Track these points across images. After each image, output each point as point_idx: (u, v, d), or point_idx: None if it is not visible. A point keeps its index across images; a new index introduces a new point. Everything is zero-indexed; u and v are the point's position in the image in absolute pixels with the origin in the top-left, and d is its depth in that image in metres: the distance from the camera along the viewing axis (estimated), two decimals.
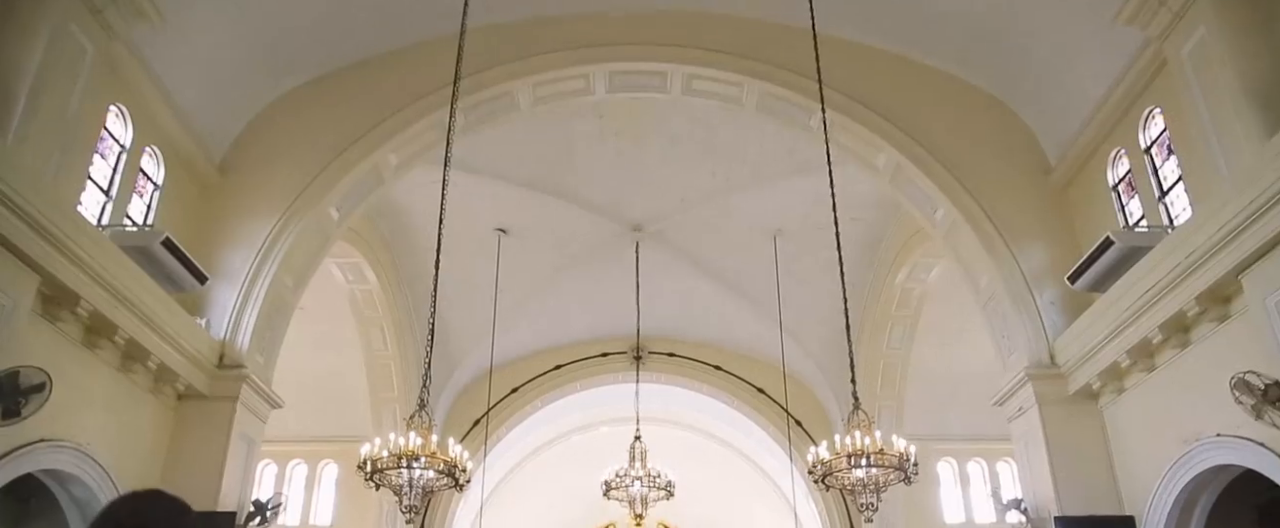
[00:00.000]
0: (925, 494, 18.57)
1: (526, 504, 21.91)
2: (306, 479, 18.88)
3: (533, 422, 19.88)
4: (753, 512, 22.14)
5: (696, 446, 21.52)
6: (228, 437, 10.63)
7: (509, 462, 21.31)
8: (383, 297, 15.86)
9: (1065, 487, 10.65)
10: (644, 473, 14.53)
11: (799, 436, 18.37)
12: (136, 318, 9.24)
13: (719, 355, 18.94)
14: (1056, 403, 10.96)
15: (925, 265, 15.49)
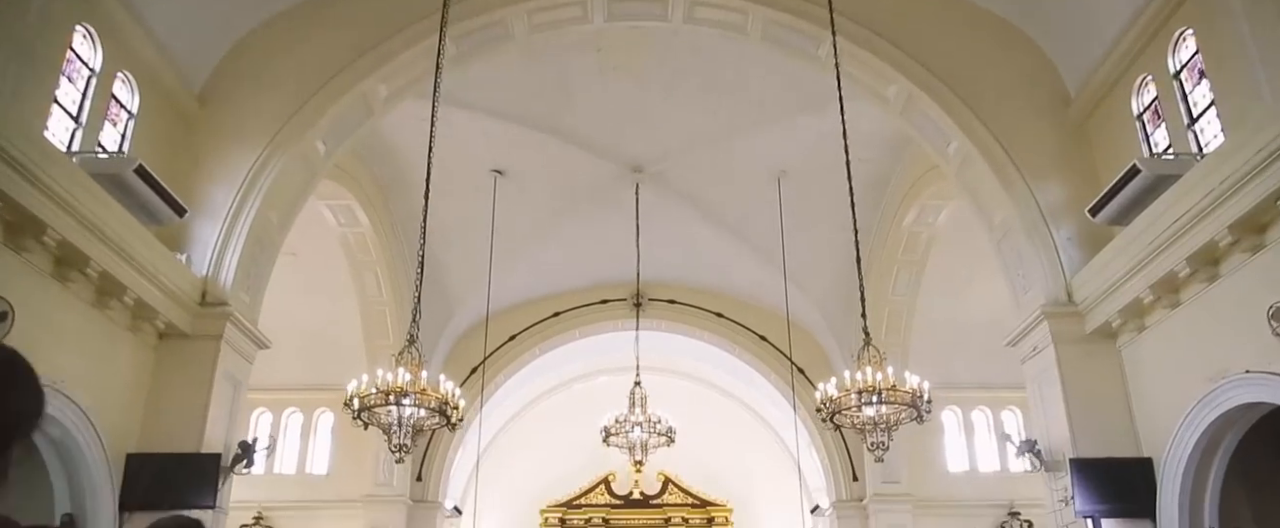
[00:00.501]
0: (929, 443, 18.21)
1: (525, 455, 21.54)
2: (302, 428, 18.50)
3: (531, 370, 19.43)
4: (754, 462, 21.77)
5: (697, 395, 21.10)
6: (212, 377, 10.15)
7: (507, 412, 20.89)
8: (376, 240, 15.32)
9: (1081, 429, 10.19)
10: (644, 419, 14.09)
11: (802, 384, 17.93)
12: (109, 249, 8.69)
13: (720, 302, 18.44)
14: (1073, 342, 10.46)
15: (934, 208, 14.94)
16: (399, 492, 17.35)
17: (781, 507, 21.63)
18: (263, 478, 18.10)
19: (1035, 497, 18.10)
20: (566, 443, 21.48)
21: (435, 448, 17.95)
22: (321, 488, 17.85)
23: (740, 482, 21.85)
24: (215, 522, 10.37)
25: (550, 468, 21.82)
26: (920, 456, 17.89)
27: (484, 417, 19.80)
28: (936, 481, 17.97)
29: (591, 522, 21.68)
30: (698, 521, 21.81)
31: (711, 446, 21.68)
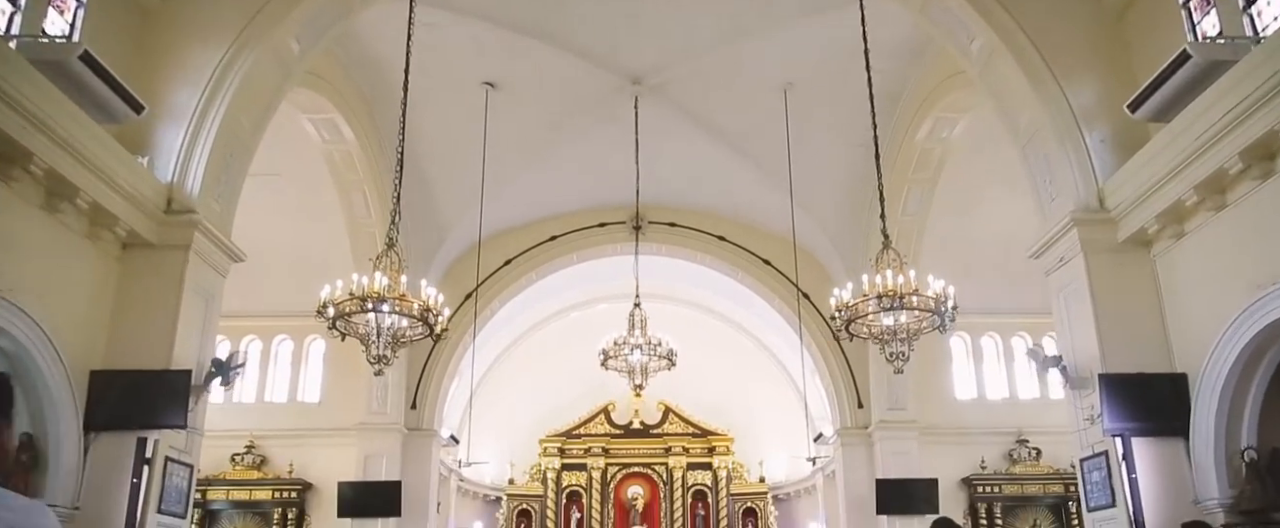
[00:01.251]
0: (937, 369, 17.52)
1: (523, 385, 20.89)
2: (293, 355, 17.78)
3: (528, 297, 18.64)
4: (756, 391, 21.13)
5: (698, 323, 20.35)
6: (180, 290, 9.33)
7: (504, 340, 20.18)
8: (362, 157, 14.39)
9: (1111, 343, 9.42)
10: (644, 341, 13.31)
11: (807, 309, 17.18)
12: (55, 145, 7.79)
13: (722, 225, 17.58)
14: (1104, 251, 9.63)
15: (949, 121, 13.98)
16: (393, 420, 16.70)
17: (783, 436, 21.08)
18: (254, 407, 17.49)
19: (1044, 424, 17.49)
20: (565, 372, 20.82)
21: (430, 375, 17.26)
22: (314, 416, 17.20)
23: (741, 411, 21.24)
24: (189, 443, 9.63)
25: (549, 398, 21.20)
26: (927, 382, 17.21)
27: (480, 345, 19.11)
28: (943, 408, 17.31)
29: (591, 452, 21.12)
30: (698, 450, 21.25)
31: (713, 374, 21.02)
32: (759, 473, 21.17)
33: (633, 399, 21.34)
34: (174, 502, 9.26)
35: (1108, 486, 9.28)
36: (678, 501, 20.90)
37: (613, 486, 21.17)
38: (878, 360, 16.98)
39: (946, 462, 16.76)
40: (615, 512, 21.09)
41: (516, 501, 20.92)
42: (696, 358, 20.72)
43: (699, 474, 21.08)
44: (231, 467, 16.87)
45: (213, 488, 16.70)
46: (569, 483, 21.02)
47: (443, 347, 17.29)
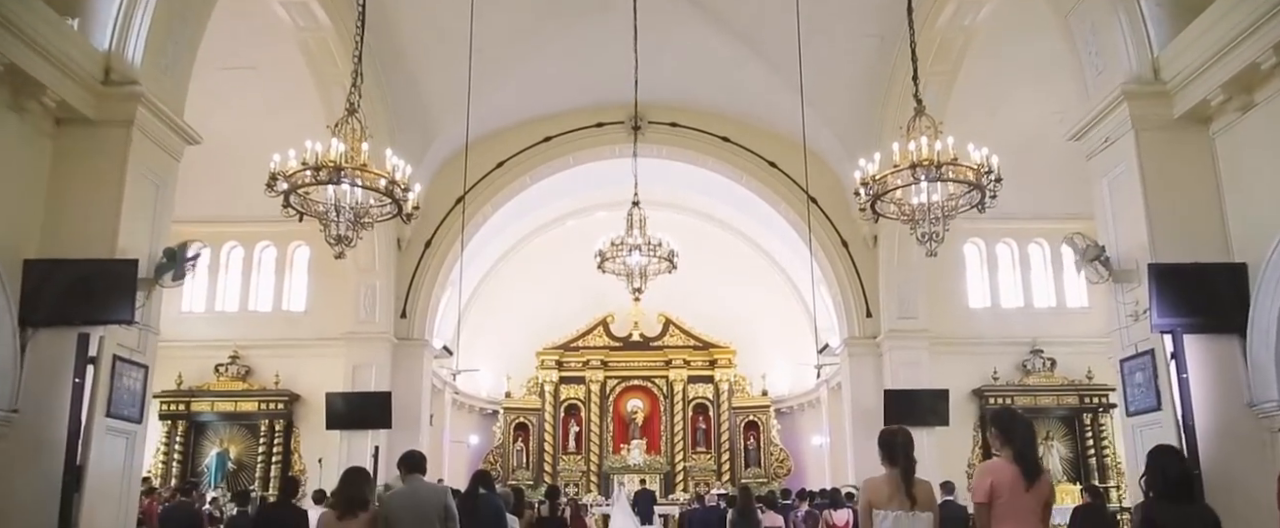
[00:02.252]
0: (949, 277, 16.51)
1: (519, 296, 19.89)
2: (277, 263, 16.75)
3: (522, 205, 17.52)
4: (759, 302, 20.13)
5: (701, 232, 19.23)
6: (123, 171, 8.20)
7: (497, 250, 19.11)
8: (339, 44, 13.08)
9: (1162, 230, 8.31)
10: (643, 242, 12.21)
11: (816, 217, 16.03)
12: None
13: (726, 126, 16.35)
14: (1156, 129, 8.45)
15: (974, 4, 12.63)
16: (382, 329, 15.74)
17: (787, 349, 20.19)
18: (237, 316, 16.54)
19: (1059, 334, 16.54)
20: (562, 283, 19.84)
21: (420, 283, 16.23)
22: (300, 326, 16.26)
23: (744, 323, 20.30)
24: (143, 342, 8.60)
25: (546, 309, 20.24)
26: (939, 290, 16.22)
27: (474, 254, 18.06)
28: (956, 317, 16.35)
29: (589, 364, 20.25)
30: (699, 363, 20.37)
31: (715, 285, 20.04)
32: (761, 386, 20.35)
33: (632, 311, 20.40)
34: (126, 405, 8.28)
35: (1152, 387, 8.26)
36: (678, 414, 20.10)
37: (612, 399, 20.36)
38: (888, 268, 15.96)
39: (957, 373, 15.85)
40: (614, 425, 20.33)
41: (513, 414, 20.13)
42: (698, 269, 19.69)
43: (700, 387, 20.25)
44: (216, 378, 15.99)
45: (197, 400, 15.85)
46: (567, 396, 20.21)
47: (433, 253, 16.28)
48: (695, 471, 19.70)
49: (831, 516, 9.75)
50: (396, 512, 5.33)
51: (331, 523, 5.30)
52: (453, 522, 5.38)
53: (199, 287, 16.53)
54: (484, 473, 7.36)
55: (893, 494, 4.44)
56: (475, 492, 7.18)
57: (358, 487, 5.42)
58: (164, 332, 16.36)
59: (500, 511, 7.15)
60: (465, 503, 7.22)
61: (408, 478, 5.55)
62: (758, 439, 20.09)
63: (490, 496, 7.19)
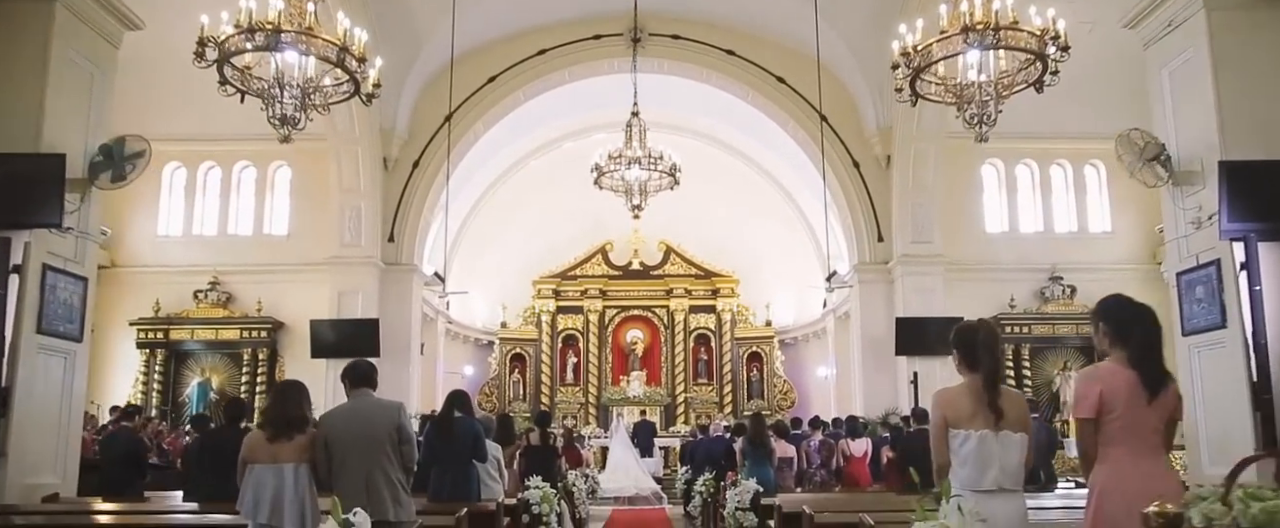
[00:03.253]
0: (966, 200, 15.40)
1: (514, 222, 18.76)
2: (257, 184, 15.60)
3: (516, 127, 16.28)
4: (764, 229, 19.00)
5: (703, 156, 17.97)
6: (46, 52, 7.00)
7: (491, 173, 17.92)
8: None
9: (1235, 124, 7.17)
10: (643, 154, 11.03)
11: (828, 138, 14.80)
12: None
13: (732, 38, 15.01)
14: (1231, 7, 7.24)
15: None
16: (368, 253, 14.64)
17: (792, 278, 19.14)
18: (216, 240, 15.45)
19: (1080, 260, 15.45)
20: (559, 209, 18.71)
21: (408, 205, 15.08)
22: (282, 250, 15.19)
23: (748, 251, 19.21)
24: (80, 251, 7.50)
25: (542, 236, 19.14)
26: (955, 214, 15.11)
27: (466, 176, 16.89)
28: (972, 242, 15.26)
29: (588, 293, 19.21)
30: (701, 292, 19.33)
31: (718, 212, 18.92)
32: (765, 317, 19.34)
33: (632, 238, 19.32)
34: (61, 321, 7.22)
35: (1216, 302, 7.18)
36: (679, 345, 19.13)
37: (611, 329, 19.37)
38: (902, 190, 14.80)
39: (972, 300, 14.79)
40: (613, 356, 19.37)
41: (509, 345, 19.15)
42: (701, 194, 18.56)
43: (702, 318, 19.24)
44: (195, 305, 14.96)
45: (177, 327, 14.85)
46: (565, 327, 19.21)
47: (421, 174, 15.11)
48: (696, 403, 18.80)
49: (848, 445, 8.77)
50: (338, 434, 4.29)
51: (259, 447, 4.25)
52: (408, 445, 4.34)
53: (175, 209, 15.46)
54: (459, 394, 6.32)
55: (975, 410, 3.36)
56: (449, 415, 6.14)
57: (293, 404, 4.36)
58: (138, 257, 15.64)
59: (478, 437, 6.13)
60: (438, 428, 6.19)
61: (354, 394, 4.47)
62: (761, 371, 19.15)
63: (467, 420, 6.15)
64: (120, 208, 15.17)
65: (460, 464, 6.05)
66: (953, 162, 14.78)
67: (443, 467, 6.10)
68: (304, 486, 4.18)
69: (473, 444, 6.08)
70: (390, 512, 4.18)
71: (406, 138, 14.97)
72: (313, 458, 4.27)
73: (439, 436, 6.13)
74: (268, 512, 4.09)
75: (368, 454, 4.23)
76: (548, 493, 6.50)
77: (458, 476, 6.03)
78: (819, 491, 8.52)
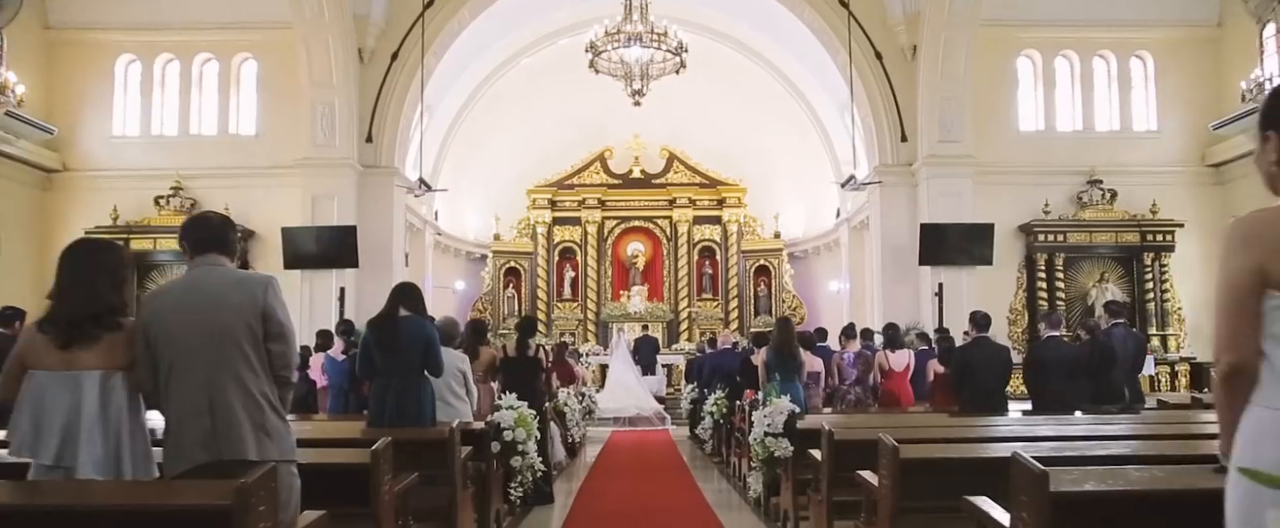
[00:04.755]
0: (998, 97, 13.69)
1: (506, 126, 16.96)
2: (220, 79, 13.85)
3: (505, 19, 14.35)
4: (774, 134, 17.21)
5: (709, 53, 16.01)
6: None
7: (480, 71, 16.04)
8: None
9: None
10: (644, 30, 9.22)
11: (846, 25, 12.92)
12: None
13: None
14: None
15: None
16: (344, 155, 12.98)
17: (803, 186, 17.45)
18: (177, 141, 13.75)
19: (1121, 162, 13.70)
20: (554, 112, 16.92)
21: (387, 101, 13.33)
22: (250, 152, 13.56)
23: (756, 158, 17.47)
24: None
25: (536, 142, 17.38)
26: (986, 111, 13.43)
27: (453, 76, 15.08)
28: (1004, 142, 13.62)
29: (586, 203, 17.54)
30: (706, 202, 17.65)
31: (725, 116, 17.14)
32: (774, 228, 17.71)
33: (632, 144, 17.56)
34: None
35: None
36: (682, 258, 17.53)
37: (610, 241, 17.74)
38: (929, 84, 13.00)
39: (1003, 206, 13.31)
40: (613, 270, 17.80)
41: (503, 258, 17.56)
42: (706, 96, 16.79)
43: (707, 229, 17.60)
44: (157, 212, 13.36)
45: (137, 237, 13.24)
46: (561, 239, 17.60)
47: (401, 66, 13.31)
48: (701, 318, 17.29)
49: (888, 358, 7.20)
50: (166, 327, 2.72)
51: (39, 353, 2.61)
52: (281, 343, 2.72)
53: (130, 107, 13.75)
54: (407, 287, 4.73)
55: None
56: (393, 314, 4.53)
57: (92, 292, 2.68)
58: (92, 160, 13.94)
59: (431, 343, 4.56)
60: (378, 331, 4.58)
61: (198, 265, 2.85)
62: (769, 285, 17.60)
63: (416, 321, 4.56)
64: (70, 106, 13.53)
65: (407, 378, 4.48)
66: (985, 53, 13.02)
67: (385, 381, 4.52)
68: (118, 404, 2.58)
69: (423, 352, 4.52)
70: (250, 446, 2.60)
71: (383, 26, 13.14)
72: (133, 362, 2.68)
73: (380, 341, 4.55)
74: (56, 445, 2.50)
75: (212, 357, 2.63)
76: (524, 416, 4.96)
77: (403, 393, 4.48)
78: (854, 411, 6.99)
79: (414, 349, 4.52)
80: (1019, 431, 4.77)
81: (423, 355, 4.54)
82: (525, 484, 5.13)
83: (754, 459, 5.07)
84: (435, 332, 4.65)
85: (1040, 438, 4.27)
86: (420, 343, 4.53)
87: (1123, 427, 4.99)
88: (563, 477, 7.98)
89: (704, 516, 6.01)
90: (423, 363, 4.53)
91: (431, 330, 4.61)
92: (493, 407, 5.31)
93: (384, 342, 4.55)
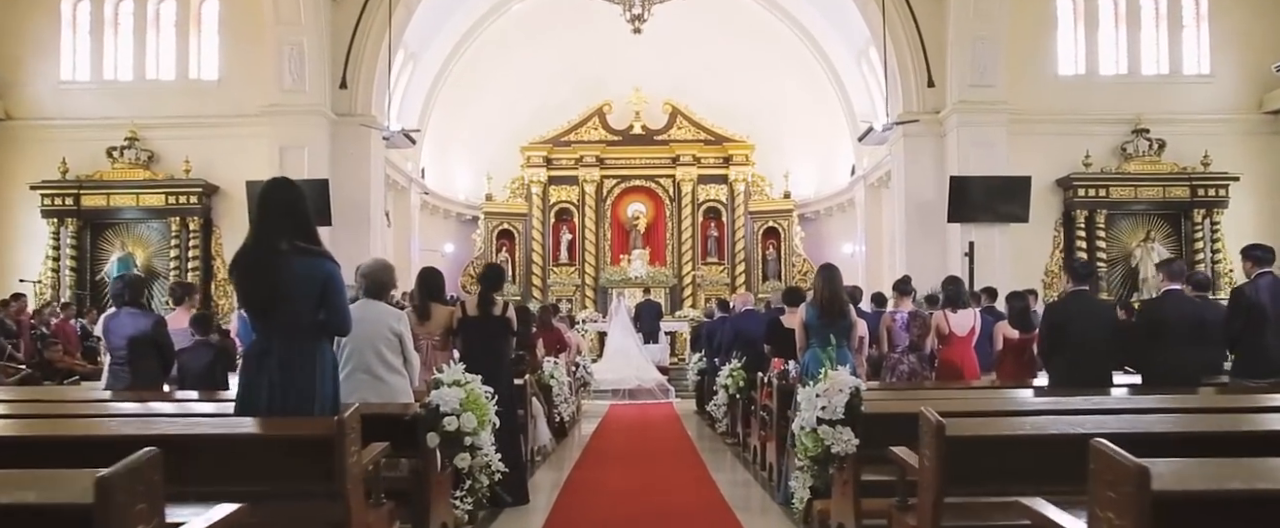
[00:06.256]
0: (1035, 38, 12.03)
1: (496, 81, 15.26)
2: (177, 21, 12.17)
3: None
4: (784, 88, 15.51)
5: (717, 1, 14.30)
6: None
7: (465, 19, 14.37)
8: None
9: None
10: None
11: None
12: None
13: None
14: None
15: None
16: (314, 101, 11.43)
17: (816, 142, 15.79)
18: (132, 87, 12.12)
19: (1170, 110, 12.02)
20: (550, 63, 15.25)
21: (362, 44, 11.66)
22: (212, 99, 12.00)
23: (765, 112, 15.78)
24: None
25: (531, 96, 15.71)
26: (1022, 54, 11.85)
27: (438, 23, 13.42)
28: (1041, 87, 12.03)
29: (583, 161, 15.88)
30: (712, 160, 16.00)
31: (732, 68, 15.43)
32: (784, 188, 16.05)
33: (633, 98, 15.88)
34: None
35: None
36: (686, 219, 15.91)
37: (609, 202, 16.10)
38: (960, 22, 11.31)
39: (1039, 157, 11.78)
40: (613, 232, 16.18)
41: (495, 219, 15.94)
42: (712, 46, 15.10)
43: (712, 188, 15.95)
44: (110, 165, 11.77)
45: (89, 192, 11.69)
46: (558, 199, 15.95)
47: (377, 3, 11.58)
48: (706, 283, 15.68)
49: (949, 320, 5.59)
50: None
51: None
52: None
53: (81, 50, 12.14)
54: (282, 196, 3.08)
55: None
56: (270, 248, 2.92)
57: None
58: (38, 109, 12.30)
59: (329, 286, 2.99)
60: (245, 271, 2.95)
61: None
62: (778, 248, 15.98)
63: (309, 260, 2.94)
64: (13, 49, 11.94)
65: (293, 342, 2.90)
66: None
67: (263, 347, 2.92)
68: None
69: (317, 303, 2.89)
70: None
71: None
72: None
73: (249, 290, 2.93)
74: None
75: None
76: (476, 396, 3.36)
77: (289, 365, 2.88)
78: (907, 385, 5.40)
79: (303, 298, 2.93)
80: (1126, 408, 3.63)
81: (317, 307, 2.94)
82: (478, 491, 3.56)
83: (799, 455, 3.50)
84: (336, 271, 3.06)
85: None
86: (313, 287, 2.93)
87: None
88: (547, 464, 6.42)
89: (724, 522, 4.46)
90: (312, 320, 2.95)
91: (330, 270, 3.02)
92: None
93: (255, 289, 2.96)
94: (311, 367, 2.93)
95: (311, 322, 2.97)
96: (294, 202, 3.08)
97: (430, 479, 3.33)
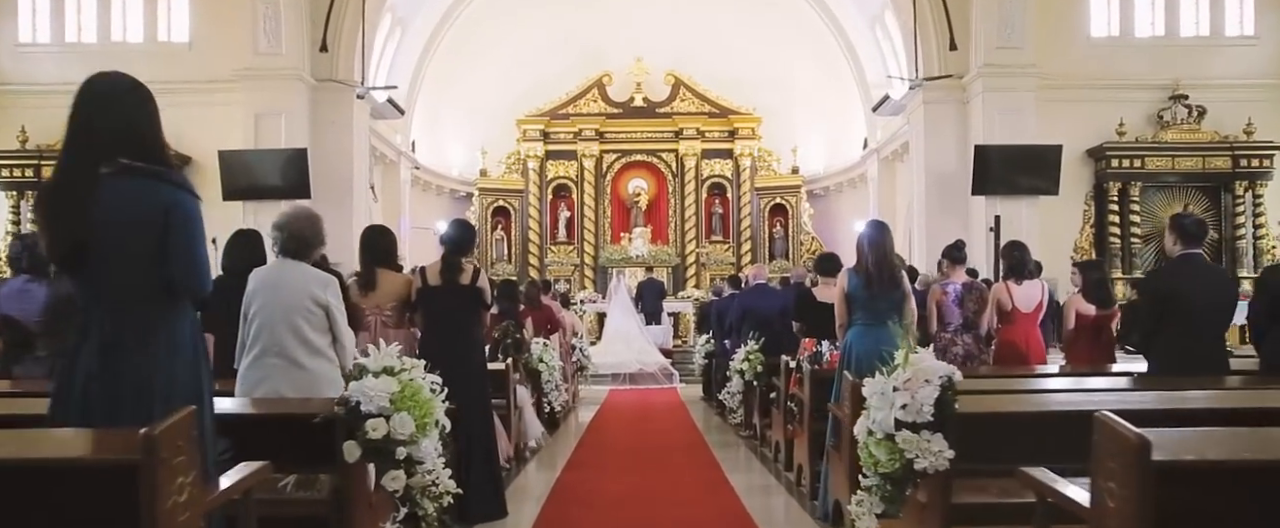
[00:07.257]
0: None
1: (494, 49, 14.17)
2: None
3: None
4: (792, 58, 14.41)
5: None
6: None
7: None
8: None
9: None
10: None
11: None
12: None
13: None
14: None
15: None
16: (292, 65, 10.38)
17: (826, 115, 14.72)
18: (97, 50, 10.97)
19: (1211, 75, 10.92)
20: (547, 32, 14.16)
21: (344, 2, 10.53)
22: (183, 63, 10.94)
23: (772, 84, 14.70)
24: None
25: (527, 66, 14.63)
26: (1052, 14, 10.80)
27: None
28: (1072, 51, 11.01)
29: (582, 135, 14.82)
30: (717, 134, 14.93)
31: (737, 38, 14.32)
32: (791, 163, 14.99)
33: (634, 69, 14.82)
34: None
35: None
36: (690, 196, 14.88)
37: (609, 178, 15.06)
38: None
39: (1068, 126, 10.75)
40: (613, 209, 15.14)
41: (490, 196, 14.91)
42: (716, 13, 13.99)
43: (717, 163, 14.91)
44: None
45: (50, 163, 10.44)
46: (555, 175, 14.91)
47: None
48: (711, 262, 14.65)
49: (1012, 293, 4.57)
50: None
51: None
52: None
53: (41, 11, 11.06)
54: (109, 94, 2.08)
55: None
56: (85, 173, 1.91)
57: None
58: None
59: (175, 217, 2.01)
60: (50, 216, 1.91)
61: None
62: (785, 226, 14.95)
63: (151, 183, 1.93)
64: None
65: (124, 313, 1.88)
66: None
67: (87, 320, 1.89)
68: None
69: (157, 248, 1.88)
70: None
71: None
72: None
73: (58, 224, 1.90)
74: None
75: None
76: (414, 389, 2.33)
77: (117, 346, 1.86)
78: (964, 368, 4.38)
79: (134, 241, 1.92)
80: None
81: (156, 254, 1.94)
82: (426, 520, 2.53)
83: (867, 470, 2.49)
84: (186, 199, 2.06)
85: None
86: (148, 226, 1.93)
87: None
88: (536, 462, 5.42)
89: None
90: (161, 273, 1.94)
91: (176, 197, 2.03)
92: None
93: (62, 232, 1.94)
94: (147, 347, 1.91)
95: (147, 278, 1.95)
96: (137, 104, 2.06)
97: (353, 506, 2.32)
